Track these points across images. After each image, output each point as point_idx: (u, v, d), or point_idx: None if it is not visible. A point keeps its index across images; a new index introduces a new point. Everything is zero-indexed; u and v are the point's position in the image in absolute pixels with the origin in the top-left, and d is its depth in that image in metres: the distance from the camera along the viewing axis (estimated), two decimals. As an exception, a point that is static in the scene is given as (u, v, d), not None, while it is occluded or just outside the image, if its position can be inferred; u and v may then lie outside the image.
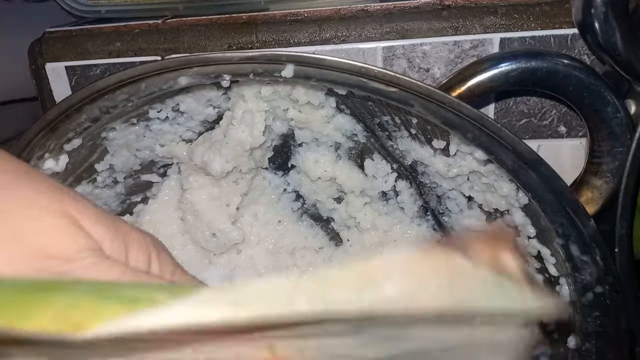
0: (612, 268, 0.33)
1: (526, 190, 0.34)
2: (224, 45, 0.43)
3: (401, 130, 0.40)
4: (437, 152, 0.40)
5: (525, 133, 0.43)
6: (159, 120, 0.42)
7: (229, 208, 0.45)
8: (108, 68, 0.44)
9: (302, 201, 0.48)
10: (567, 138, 0.43)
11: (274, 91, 0.40)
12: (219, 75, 0.34)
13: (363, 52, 0.41)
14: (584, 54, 0.39)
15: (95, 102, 0.35)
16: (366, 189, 0.44)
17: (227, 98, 0.42)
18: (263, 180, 0.47)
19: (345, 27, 0.41)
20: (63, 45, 0.44)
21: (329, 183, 0.45)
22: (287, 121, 0.43)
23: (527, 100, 0.42)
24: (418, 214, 0.45)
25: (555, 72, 0.35)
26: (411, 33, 0.41)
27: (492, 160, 0.34)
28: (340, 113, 0.42)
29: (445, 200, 0.44)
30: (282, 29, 0.42)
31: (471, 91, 0.36)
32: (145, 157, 0.45)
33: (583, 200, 0.37)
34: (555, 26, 0.39)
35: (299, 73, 0.33)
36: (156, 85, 0.35)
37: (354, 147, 0.44)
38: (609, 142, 0.36)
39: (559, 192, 0.33)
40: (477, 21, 0.40)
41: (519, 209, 0.38)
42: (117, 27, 0.44)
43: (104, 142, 0.41)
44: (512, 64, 0.35)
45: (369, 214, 0.45)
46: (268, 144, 0.45)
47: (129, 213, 0.48)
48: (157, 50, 0.43)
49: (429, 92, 0.31)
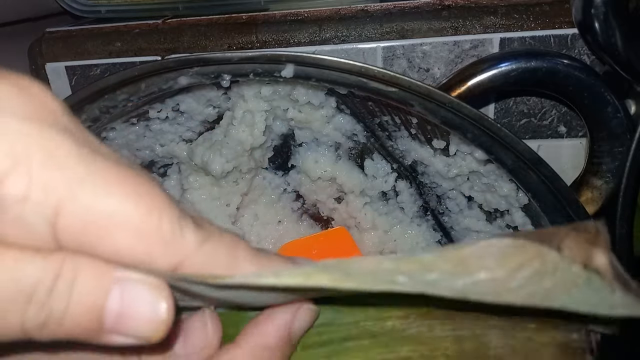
0: (612, 268, 0.33)
1: (526, 190, 0.34)
2: (224, 45, 0.43)
3: (401, 130, 0.40)
4: (437, 152, 0.40)
5: (525, 133, 0.43)
6: (159, 120, 0.42)
7: (229, 208, 0.45)
8: (108, 68, 0.44)
9: (302, 201, 0.48)
10: (567, 138, 0.43)
11: (274, 91, 0.40)
12: (219, 75, 0.34)
13: (363, 52, 0.41)
14: (584, 54, 0.39)
15: (95, 102, 0.35)
16: (366, 189, 0.44)
17: (227, 98, 0.42)
18: (263, 180, 0.47)
19: (345, 27, 0.41)
20: (63, 45, 0.44)
21: (329, 183, 0.45)
22: (287, 121, 0.43)
23: (527, 100, 0.42)
24: (418, 214, 0.45)
25: (555, 72, 0.35)
26: (411, 33, 0.41)
27: (492, 160, 0.34)
28: (340, 113, 0.42)
29: (445, 200, 0.44)
30: (282, 29, 0.42)
31: (471, 91, 0.36)
32: (145, 157, 0.45)
33: (583, 200, 0.37)
34: (555, 26, 0.39)
35: (299, 73, 0.33)
36: (156, 85, 0.35)
37: (354, 147, 0.44)
38: (609, 142, 0.36)
39: (559, 192, 0.33)
40: (477, 21, 0.40)
41: (519, 209, 0.38)
42: (117, 27, 0.44)
43: (104, 142, 0.41)
44: (512, 64, 0.35)
45: (369, 214, 0.45)
46: (268, 144, 0.45)
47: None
48: (157, 50, 0.43)
49: (428, 92, 0.31)
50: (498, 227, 0.42)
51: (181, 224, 0.16)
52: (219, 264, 0.17)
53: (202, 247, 0.16)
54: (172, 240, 0.15)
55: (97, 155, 0.15)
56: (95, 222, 0.14)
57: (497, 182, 0.38)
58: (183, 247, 0.16)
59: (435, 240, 0.46)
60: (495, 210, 0.41)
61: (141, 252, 0.15)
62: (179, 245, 0.16)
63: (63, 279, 0.14)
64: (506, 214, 0.40)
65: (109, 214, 0.14)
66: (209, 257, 0.16)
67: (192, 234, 0.16)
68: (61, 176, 0.14)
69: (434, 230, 0.46)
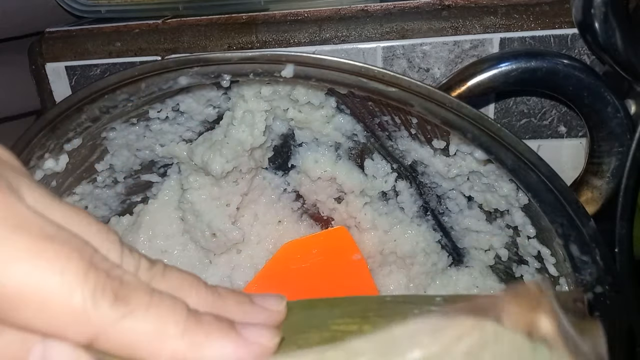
0: (612, 268, 0.33)
1: (526, 190, 0.34)
2: (224, 45, 0.43)
3: (401, 130, 0.40)
4: (437, 152, 0.40)
5: (525, 133, 0.43)
6: (159, 120, 0.42)
7: (229, 208, 0.45)
8: (108, 68, 0.44)
9: (302, 201, 0.48)
10: (567, 138, 0.43)
11: (274, 91, 0.40)
12: (219, 75, 0.34)
13: (363, 52, 0.41)
14: (584, 54, 0.39)
15: (95, 102, 0.35)
16: (366, 189, 0.44)
17: (227, 98, 0.42)
18: (263, 180, 0.47)
19: (345, 27, 0.41)
20: (63, 45, 0.44)
21: (329, 183, 0.45)
22: (287, 121, 0.43)
23: (527, 100, 0.42)
24: (418, 214, 0.45)
25: (555, 72, 0.35)
26: (411, 33, 0.41)
27: (492, 160, 0.34)
28: (340, 113, 0.42)
29: (445, 200, 0.44)
30: (282, 29, 0.42)
31: (471, 91, 0.36)
32: (145, 157, 0.45)
33: (583, 200, 0.37)
34: (555, 26, 0.39)
35: (299, 73, 0.33)
36: (156, 85, 0.35)
37: (354, 147, 0.44)
38: (609, 142, 0.36)
39: (559, 192, 0.33)
40: (477, 21, 0.40)
41: (519, 209, 0.38)
42: (117, 27, 0.44)
43: (104, 142, 0.41)
44: (512, 64, 0.35)
45: (369, 214, 0.45)
46: (268, 144, 0.45)
47: (129, 213, 0.48)
48: (157, 50, 0.43)
49: (428, 92, 0.32)
50: (498, 227, 0.42)
51: (95, 298, 0.16)
52: (141, 340, 0.16)
53: (120, 322, 0.16)
54: (82, 315, 0.16)
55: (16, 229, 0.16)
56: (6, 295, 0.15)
57: (497, 182, 0.38)
58: (96, 321, 0.16)
59: (436, 240, 0.46)
60: (495, 210, 0.41)
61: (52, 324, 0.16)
62: (92, 319, 0.16)
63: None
64: (506, 214, 0.40)
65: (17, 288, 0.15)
66: (129, 333, 0.16)
67: (107, 309, 0.16)
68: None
69: (434, 230, 0.46)
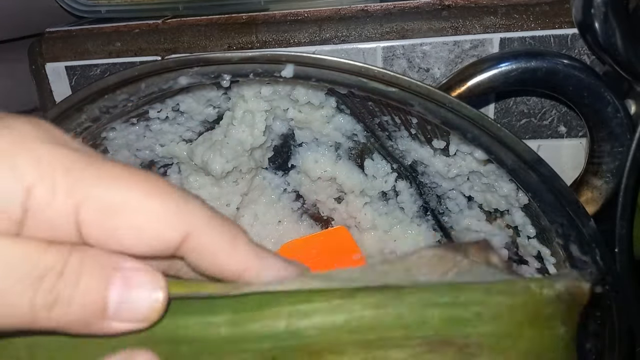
0: (612, 268, 0.33)
1: (526, 190, 0.34)
2: (224, 45, 0.43)
3: (401, 130, 0.40)
4: (437, 152, 0.40)
5: (525, 133, 0.43)
6: (159, 120, 0.42)
7: (229, 208, 0.45)
8: (108, 68, 0.44)
9: (302, 201, 0.48)
10: (567, 138, 0.43)
11: (274, 91, 0.40)
12: (219, 75, 0.34)
13: (363, 52, 0.41)
14: (584, 54, 0.39)
15: (95, 102, 0.35)
16: (366, 189, 0.44)
17: (227, 98, 0.42)
18: (263, 180, 0.47)
19: (345, 27, 0.41)
20: (63, 45, 0.44)
21: (329, 183, 0.45)
22: (287, 121, 0.43)
23: (527, 100, 0.42)
24: (418, 214, 0.45)
25: (555, 72, 0.35)
26: (411, 33, 0.41)
27: (492, 160, 0.34)
28: (340, 113, 0.42)
29: (445, 200, 0.44)
30: (282, 29, 0.42)
31: (471, 91, 0.36)
32: (145, 157, 0.45)
33: (583, 200, 0.37)
34: (555, 26, 0.39)
35: (299, 73, 0.33)
36: (156, 85, 0.35)
37: (354, 147, 0.44)
38: (609, 142, 0.36)
39: (559, 192, 0.33)
40: (477, 21, 0.40)
41: (519, 209, 0.38)
42: (117, 27, 0.44)
43: (104, 142, 0.41)
44: (512, 64, 0.35)
45: (369, 214, 0.45)
46: (268, 144, 0.45)
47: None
48: (157, 50, 0.43)
49: (428, 92, 0.31)
50: (498, 227, 0.42)
51: (187, 200, 0.18)
52: (221, 245, 0.18)
53: (210, 223, 0.18)
54: (177, 212, 0.17)
55: (104, 162, 0.18)
56: (109, 210, 0.17)
57: (497, 182, 0.38)
58: (190, 218, 0.18)
59: (436, 240, 0.46)
60: (495, 210, 0.41)
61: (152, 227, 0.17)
62: (186, 215, 0.18)
63: (70, 267, 0.17)
64: (506, 214, 0.40)
65: (120, 202, 0.17)
66: (213, 236, 0.18)
67: (199, 209, 0.18)
68: (78, 182, 0.17)
69: (434, 230, 0.46)
